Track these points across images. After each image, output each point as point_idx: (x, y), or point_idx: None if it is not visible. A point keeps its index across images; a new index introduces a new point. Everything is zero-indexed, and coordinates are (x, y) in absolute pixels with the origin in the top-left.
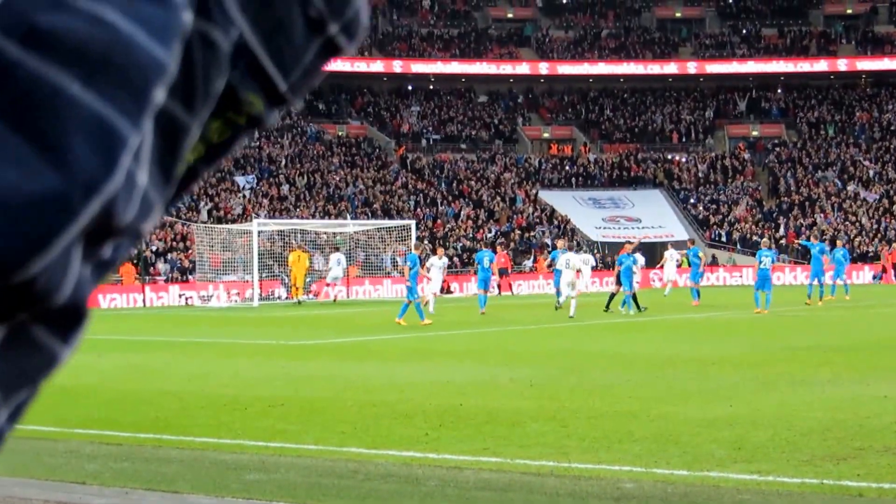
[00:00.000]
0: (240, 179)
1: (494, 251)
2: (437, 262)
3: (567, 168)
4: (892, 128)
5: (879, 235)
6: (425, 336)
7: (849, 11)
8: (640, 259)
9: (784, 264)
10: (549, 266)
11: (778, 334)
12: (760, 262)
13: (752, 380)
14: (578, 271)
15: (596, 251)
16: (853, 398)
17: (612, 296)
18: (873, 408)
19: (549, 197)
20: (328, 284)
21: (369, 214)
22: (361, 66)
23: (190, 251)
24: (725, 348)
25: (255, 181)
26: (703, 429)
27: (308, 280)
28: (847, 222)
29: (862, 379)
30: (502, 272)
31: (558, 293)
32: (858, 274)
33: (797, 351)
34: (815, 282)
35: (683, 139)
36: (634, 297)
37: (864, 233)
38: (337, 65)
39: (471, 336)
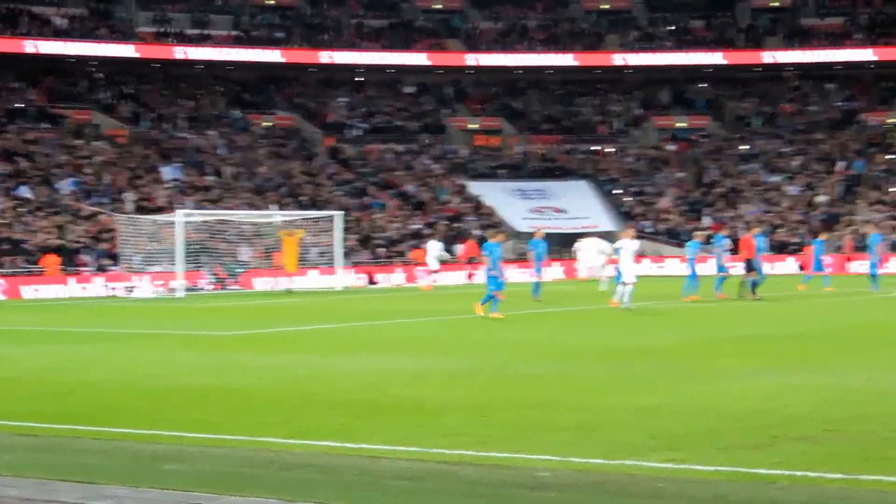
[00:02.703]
0: (165, 170)
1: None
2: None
3: (494, 159)
4: (817, 120)
5: (803, 227)
6: (349, 327)
7: (775, 4)
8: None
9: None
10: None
11: (702, 325)
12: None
13: (673, 370)
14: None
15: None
16: (772, 387)
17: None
18: (791, 397)
19: (476, 188)
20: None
21: (296, 205)
22: (289, 57)
23: (115, 242)
24: (649, 339)
25: (182, 172)
26: (622, 418)
27: (238, 270)
28: (771, 213)
29: (782, 369)
30: (471, 261)
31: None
32: (781, 265)
33: (720, 341)
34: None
35: (610, 131)
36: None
37: (787, 224)
38: (265, 55)
39: (394, 326)
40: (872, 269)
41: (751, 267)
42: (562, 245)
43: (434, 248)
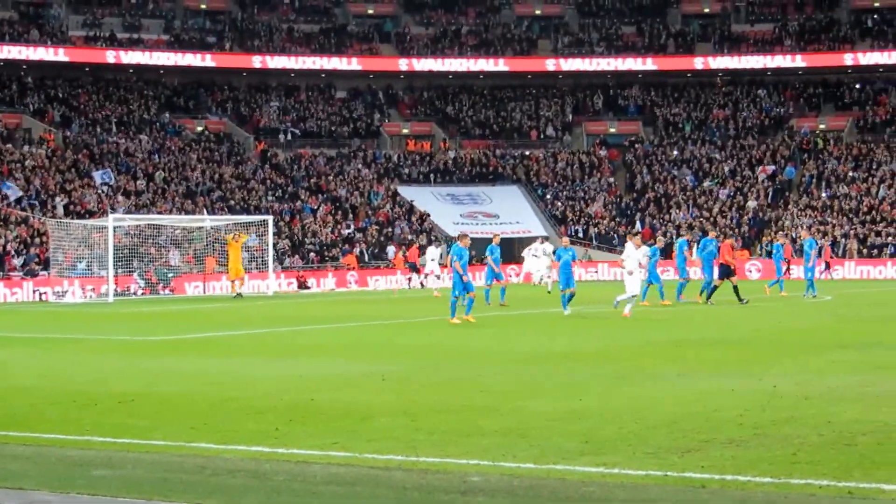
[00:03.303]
0: (96, 175)
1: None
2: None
3: (426, 164)
4: (748, 126)
5: (733, 231)
6: (279, 331)
7: (706, 11)
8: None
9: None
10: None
11: (632, 330)
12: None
13: (603, 374)
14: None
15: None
16: (701, 392)
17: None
18: (720, 401)
19: (408, 193)
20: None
21: (227, 210)
22: (221, 62)
23: (45, 247)
24: (580, 343)
25: (112, 176)
26: (553, 423)
27: (169, 275)
28: (701, 218)
29: (711, 373)
30: (412, 267)
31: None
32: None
33: (649, 346)
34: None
35: (542, 136)
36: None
37: (717, 228)
38: (196, 60)
39: (324, 331)
40: (808, 274)
41: (728, 273)
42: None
43: (433, 253)
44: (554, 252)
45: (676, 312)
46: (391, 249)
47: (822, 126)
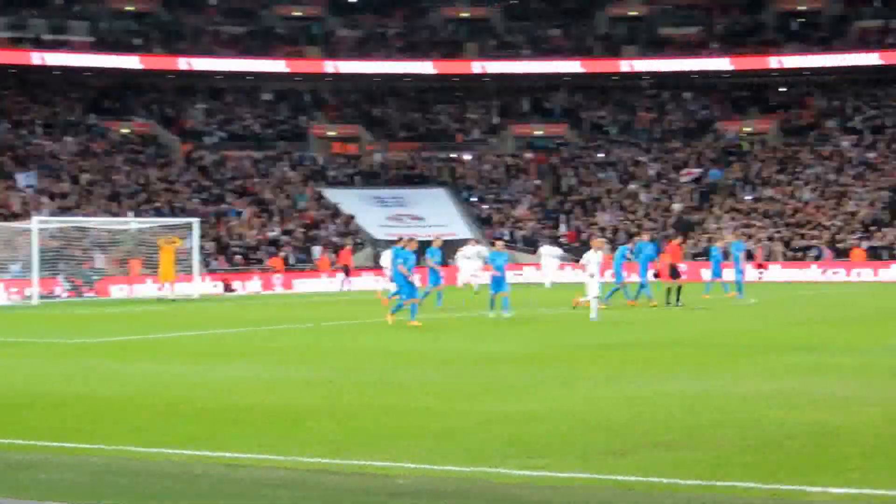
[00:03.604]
0: (20, 177)
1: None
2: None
3: (352, 166)
4: (673, 128)
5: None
6: (211, 335)
7: (632, 14)
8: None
9: (565, 262)
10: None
11: (561, 332)
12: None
13: (533, 377)
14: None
15: (381, 249)
16: (630, 394)
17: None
18: (648, 404)
19: (333, 195)
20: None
21: (153, 212)
22: (147, 64)
23: None
24: (508, 346)
25: (37, 179)
26: (481, 425)
27: (94, 278)
28: (627, 221)
29: (638, 375)
30: (345, 269)
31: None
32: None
33: (578, 349)
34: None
35: (468, 138)
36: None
37: (642, 230)
38: (122, 61)
39: (251, 334)
40: (738, 277)
41: (676, 274)
42: (419, 252)
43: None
44: (487, 255)
45: (606, 316)
46: (317, 250)
47: (747, 129)
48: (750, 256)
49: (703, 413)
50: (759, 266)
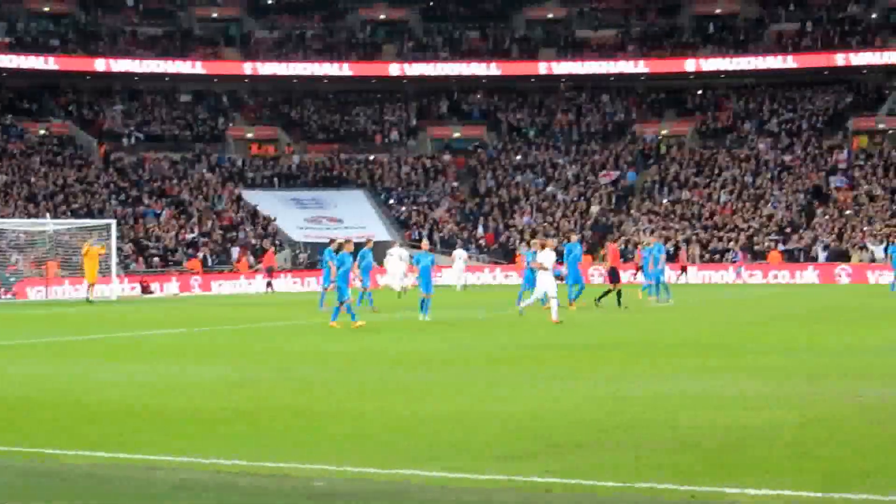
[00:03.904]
0: None
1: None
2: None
3: (270, 168)
4: (591, 131)
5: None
6: (121, 336)
7: (550, 16)
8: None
9: (485, 264)
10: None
11: (482, 334)
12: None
13: (448, 379)
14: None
15: (299, 250)
16: (547, 395)
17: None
18: (566, 404)
19: (252, 197)
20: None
21: (70, 214)
22: (64, 65)
23: None
24: (423, 348)
25: None
26: (398, 427)
27: (12, 280)
28: (546, 223)
29: (556, 377)
30: (268, 270)
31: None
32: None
33: (494, 350)
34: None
35: (386, 141)
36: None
37: (561, 233)
38: (40, 62)
39: (169, 336)
40: (660, 278)
41: (617, 277)
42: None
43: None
44: (412, 257)
45: (528, 318)
46: (236, 252)
47: (664, 131)
48: (672, 258)
49: (621, 414)
50: (683, 268)
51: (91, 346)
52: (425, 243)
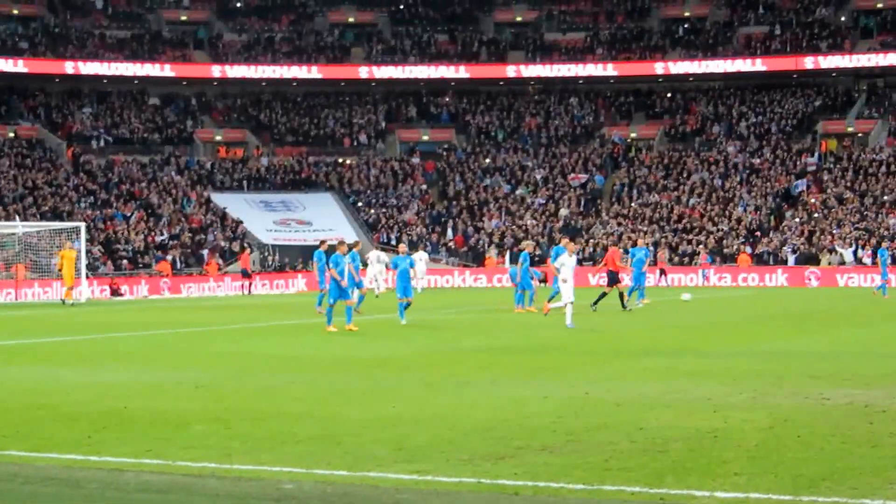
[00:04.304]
0: None
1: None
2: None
3: (239, 171)
4: (560, 133)
5: (545, 238)
6: (90, 339)
7: (518, 19)
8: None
9: (454, 267)
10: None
11: (444, 337)
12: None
13: (416, 381)
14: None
15: (268, 253)
16: (515, 398)
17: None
18: (534, 407)
19: (221, 199)
20: None
21: (39, 216)
22: (33, 67)
23: None
24: (391, 350)
25: None
26: (365, 429)
27: None
28: (514, 226)
29: (523, 380)
30: (244, 273)
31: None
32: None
33: (462, 353)
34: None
35: (355, 143)
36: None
37: (529, 235)
38: (8, 65)
39: (137, 338)
40: (641, 282)
41: (615, 280)
42: (306, 256)
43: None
44: (389, 260)
45: (492, 320)
46: (205, 255)
47: (633, 134)
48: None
49: (587, 417)
50: (662, 271)
51: (59, 348)
52: (403, 247)
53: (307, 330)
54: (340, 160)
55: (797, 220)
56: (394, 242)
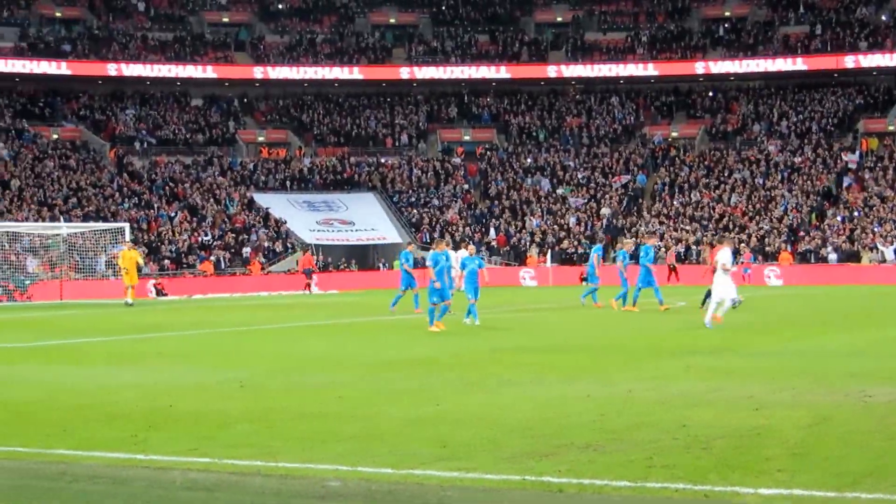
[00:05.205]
0: None
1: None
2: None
3: (282, 171)
4: (601, 133)
5: (586, 237)
6: (135, 339)
7: (559, 19)
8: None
9: (495, 266)
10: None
11: (486, 336)
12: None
13: (458, 380)
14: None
15: (312, 252)
16: (556, 397)
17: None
18: (575, 406)
19: (263, 200)
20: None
21: (84, 217)
22: (76, 70)
23: None
24: (434, 350)
25: None
26: (409, 428)
27: (27, 283)
28: (556, 225)
29: (565, 379)
30: (307, 273)
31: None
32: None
33: (503, 352)
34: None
35: (397, 143)
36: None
37: (571, 235)
38: (52, 67)
39: (181, 338)
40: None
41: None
42: (349, 256)
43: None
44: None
45: (521, 318)
46: (248, 254)
47: (674, 134)
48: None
49: (630, 415)
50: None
51: (104, 348)
52: (472, 248)
53: (347, 330)
54: (382, 160)
55: (838, 218)
56: (472, 244)
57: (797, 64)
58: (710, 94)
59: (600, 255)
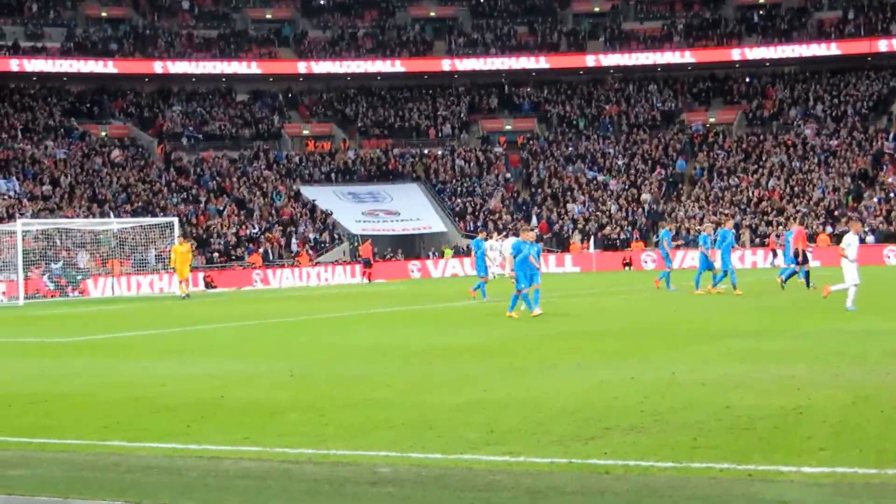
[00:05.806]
0: (2, 182)
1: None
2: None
3: (327, 164)
4: (640, 120)
5: (627, 223)
6: (186, 331)
7: (596, 10)
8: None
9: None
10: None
11: (528, 322)
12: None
13: (502, 366)
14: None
15: (357, 243)
16: (600, 381)
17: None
18: (620, 389)
19: (310, 192)
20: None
21: (133, 213)
22: (123, 68)
23: None
24: (478, 337)
25: (19, 184)
26: (456, 414)
27: (79, 277)
28: (598, 212)
29: (609, 362)
30: (366, 262)
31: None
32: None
33: (547, 338)
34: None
35: (439, 134)
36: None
37: (613, 221)
38: (99, 66)
39: (231, 329)
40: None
41: (805, 259)
42: (395, 246)
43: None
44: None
45: (563, 303)
46: (295, 246)
47: (711, 119)
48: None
49: (673, 397)
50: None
51: (155, 341)
52: (532, 234)
53: (391, 319)
54: (426, 151)
55: (875, 199)
56: (531, 229)
57: (831, 49)
58: (747, 79)
59: (668, 239)
